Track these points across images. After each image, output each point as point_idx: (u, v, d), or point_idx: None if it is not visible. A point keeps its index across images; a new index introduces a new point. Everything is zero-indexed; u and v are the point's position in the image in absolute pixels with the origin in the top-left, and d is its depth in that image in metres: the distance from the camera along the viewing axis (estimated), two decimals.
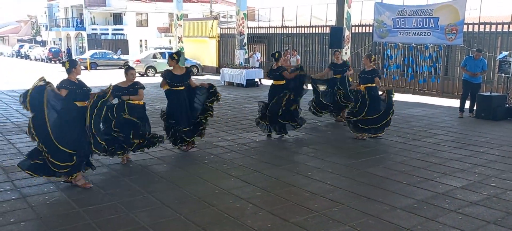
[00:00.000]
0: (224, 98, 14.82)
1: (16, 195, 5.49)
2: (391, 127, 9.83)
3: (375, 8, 15.97)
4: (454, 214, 4.97)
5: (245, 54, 21.28)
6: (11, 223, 4.68)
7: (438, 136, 9.05)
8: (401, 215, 4.94)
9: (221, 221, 4.79)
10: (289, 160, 7.32)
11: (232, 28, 25.34)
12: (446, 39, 13.98)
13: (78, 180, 5.79)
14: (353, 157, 7.48)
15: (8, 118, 10.85)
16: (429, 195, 5.59)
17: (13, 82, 20.15)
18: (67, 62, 5.82)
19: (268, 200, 5.43)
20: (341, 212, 5.03)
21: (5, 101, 13.75)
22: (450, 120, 10.93)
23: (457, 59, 15.97)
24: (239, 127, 9.93)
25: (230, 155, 7.55)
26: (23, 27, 74.04)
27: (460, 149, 8.00)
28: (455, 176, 6.37)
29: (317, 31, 21.15)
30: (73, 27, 46.72)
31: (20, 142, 8.28)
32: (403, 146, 8.18)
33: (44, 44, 55.60)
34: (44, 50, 43.81)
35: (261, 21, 31.26)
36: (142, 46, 43.70)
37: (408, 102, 14.07)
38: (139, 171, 6.53)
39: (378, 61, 18.25)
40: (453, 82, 15.89)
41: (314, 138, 8.95)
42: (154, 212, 5.02)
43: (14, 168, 6.57)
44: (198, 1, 44.17)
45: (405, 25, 14.97)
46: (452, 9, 13.70)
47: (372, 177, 6.34)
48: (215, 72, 26.06)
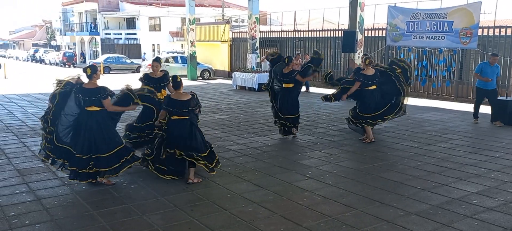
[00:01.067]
0: (236, 102, 14.87)
1: (31, 197, 5.55)
2: (405, 131, 9.78)
3: (388, 12, 15.90)
4: (470, 220, 4.90)
5: (257, 58, 21.30)
6: (26, 225, 4.73)
7: (453, 141, 8.95)
8: (416, 220, 4.89)
9: (233, 224, 4.78)
10: (301, 164, 7.29)
11: (244, 32, 25.39)
12: (460, 43, 13.86)
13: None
14: (366, 161, 7.43)
15: (24, 121, 10.99)
16: (444, 200, 5.52)
17: (28, 86, 20.41)
18: (88, 69, 6.01)
19: (281, 204, 5.41)
20: (354, 217, 4.99)
21: (20, 104, 13.92)
22: (465, 125, 10.80)
23: (471, 63, 15.79)
24: (251, 131, 9.93)
25: (242, 158, 7.55)
26: (38, 32, 75.09)
27: (475, 154, 7.89)
28: (471, 181, 6.28)
29: (329, 35, 21.08)
30: (87, 32, 47.23)
31: (35, 145, 8.36)
32: (417, 151, 8.10)
33: (58, 48, 56.30)
34: (58, 54, 44.36)
35: (273, 25, 31.28)
36: (154, 50, 44.00)
37: (422, 107, 13.94)
38: (152, 174, 6.55)
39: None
40: (468, 87, 15.71)
41: (327, 142, 8.91)
42: (167, 215, 5.03)
43: (29, 170, 6.67)
44: (211, 5, 44.39)
45: (419, 29, 14.87)
46: (467, 13, 13.59)
47: (386, 182, 6.28)
48: (227, 76, 26.12)
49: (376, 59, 18.35)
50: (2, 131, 9.74)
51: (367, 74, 8.52)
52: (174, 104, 6.02)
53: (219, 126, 10.52)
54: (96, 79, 5.99)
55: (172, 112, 6.04)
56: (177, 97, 6.06)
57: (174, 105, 6.02)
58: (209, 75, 26.17)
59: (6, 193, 5.68)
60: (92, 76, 5.95)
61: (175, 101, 6.04)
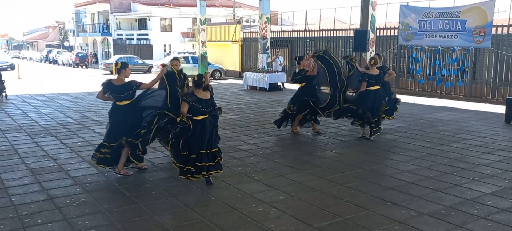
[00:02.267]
0: (247, 102, 14.86)
1: (43, 197, 5.60)
2: (417, 131, 9.69)
3: (400, 11, 15.77)
4: (484, 221, 4.83)
5: (268, 58, 21.27)
6: (38, 224, 4.77)
7: (466, 141, 8.84)
8: (428, 221, 4.83)
9: (244, 224, 4.77)
10: (312, 164, 7.25)
11: (255, 32, 25.36)
12: (473, 42, 13.69)
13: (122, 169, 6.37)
14: (378, 161, 7.37)
15: (37, 121, 11.10)
16: (457, 201, 5.45)
17: (41, 87, 20.62)
18: (119, 63, 6.25)
19: (292, 204, 5.39)
20: (366, 217, 4.94)
21: (33, 105, 14.08)
22: (479, 125, 10.66)
23: (485, 62, 15.60)
24: (262, 131, 9.91)
25: (253, 158, 7.53)
26: (51, 33, 75.96)
27: (489, 154, 7.79)
28: (484, 182, 6.19)
29: (341, 35, 20.98)
30: (99, 33, 47.61)
31: (47, 145, 8.45)
32: (430, 151, 8.01)
33: (71, 49, 56.84)
34: (71, 55, 44.79)
35: (284, 25, 31.23)
36: (166, 50, 44.19)
37: (435, 107, 13.80)
38: (163, 174, 6.58)
39: (403, 64, 18.03)
40: (481, 86, 15.52)
41: (338, 142, 8.86)
42: (178, 214, 5.04)
43: (42, 169, 6.73)
44: (222, 5, 44.44)
45: (431, 28, 14.72)
46: (480, 11, 13.42)
47: (398, 182, 6.22)
48: (238, 76, 26.14)
49: (388, 58, 18.26)
50: (15, 130, 9.85)
51: (372, 74, 8.74)
52: (200, 102, 5.83)
53: (230, 125, 10.52)
54: (124, 76, 6.20)
55: (198, 111, 5.83)
56: (202, 96, 5.88)
57: (200, 103, 5.83)
58: (220, 76, 26.20)
59: (19, 192, 5.74)
60: (121, 72, 6.18)
61: (200, 99, 5.85)
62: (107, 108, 6.82)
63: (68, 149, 8.14)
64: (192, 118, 5.83)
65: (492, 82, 15.18)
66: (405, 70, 17.84)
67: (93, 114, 12.02)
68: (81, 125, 10.55)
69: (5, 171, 6.71)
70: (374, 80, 8.74)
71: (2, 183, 6.12)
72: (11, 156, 7.59)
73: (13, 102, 14.73)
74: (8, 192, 5.74)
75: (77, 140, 8.87)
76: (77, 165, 7.05)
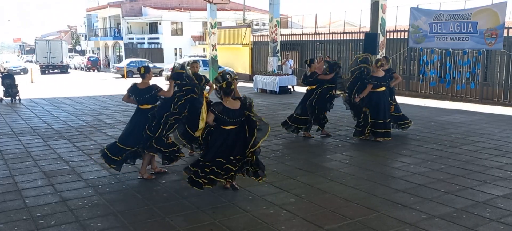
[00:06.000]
0: (257, 106, 14.84)
1: (56, 199, 5.67)
2: (428, 134, 9.64)
3: (410, 13, 15.71)
4: (496, 224, 4.80)
5: (278, 61, 21.30)
6: (52, 225, 4.84)
7: (478, 143, 8.77)
8: (440, 223, 4.81)
9: (255, 227, 4.79)
10: (323, 166, 7.26)
11: (265, 35, 25.42)
12: (485, 44, 13.58)
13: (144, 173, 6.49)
14: (388, 164, 7.35)
15: (49, 124, 11.24)
16: (469, 203, 5.42)
17: (53, 90, 20.86)
18: (142, 68, 6.41)
19: (302, 206, 5.40)
20: (377, 219, 4.94)
21: (46, 108, 14.25)
22: (490, 127, 10.57)
23: (497, 64, 15.46)
24: (272, 133, 9.90)
25: (264, 161, 7.50)
26: (63, 37, 76.71)
27: (501, 156, 7.72)
28: (496, 185, 6.15)
29: (350, 38, 20.94)
30: (110, 37, 48.00)
31: (60, 148, 8.56)
32: (441, 153, 7.97)
33: (83, 53, 57.40)
34: (83, 59, 45.23)
35: (294, 28, 31.22)
36: (176, 54, 44.42)
37: (446, 109, 13.71)
38: (174, 176, 6.63)
39: (414, 67, 17.95)
40: (493, 89, 15.37)
41: (349, 144, 8.85)
42: (190, 216, 5.08)
43: (55, 172, 6.82)
44: (232, 9, 44.54)
45: (442, 30, 14.65)
46: (492, 13, 13.32)
47: (408, 184, 6.20)
48: (248, 80, 26.17)
49: (398, 61, 18.18)
50: (28, 133, 9.99)
51: (378, 76, 8.77)
52: (227, 112, 5.51)
53: None
54: (148, 80, 6.37)
55: (224, 121, 5.55)
56: (230, 106, 5.55)
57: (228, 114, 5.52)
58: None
59: (33, 195, 5.83)
60: (145, 76, 6.33)
61: (228, 109, 5.52)
62: (119, 111, 6.90)
63: (80, 151, 8.24)
64: (220, 127, 5.61)
65: (504, 85, 15.03)
66: (415, 73, 17.74)
67: (105, 118, 12.13)
68: (93, 128, 10.66)
69: (18, 173, 6.81)
70: (380, 82, 8.79)
71: (16, 185, 6.22)
72: (24, 159, 7.71)
73: (26, 106, 14.92)
74: (22, 194, 5.83)
75: (89, 143, 8.97)
76: (89, 167, 7.14)
